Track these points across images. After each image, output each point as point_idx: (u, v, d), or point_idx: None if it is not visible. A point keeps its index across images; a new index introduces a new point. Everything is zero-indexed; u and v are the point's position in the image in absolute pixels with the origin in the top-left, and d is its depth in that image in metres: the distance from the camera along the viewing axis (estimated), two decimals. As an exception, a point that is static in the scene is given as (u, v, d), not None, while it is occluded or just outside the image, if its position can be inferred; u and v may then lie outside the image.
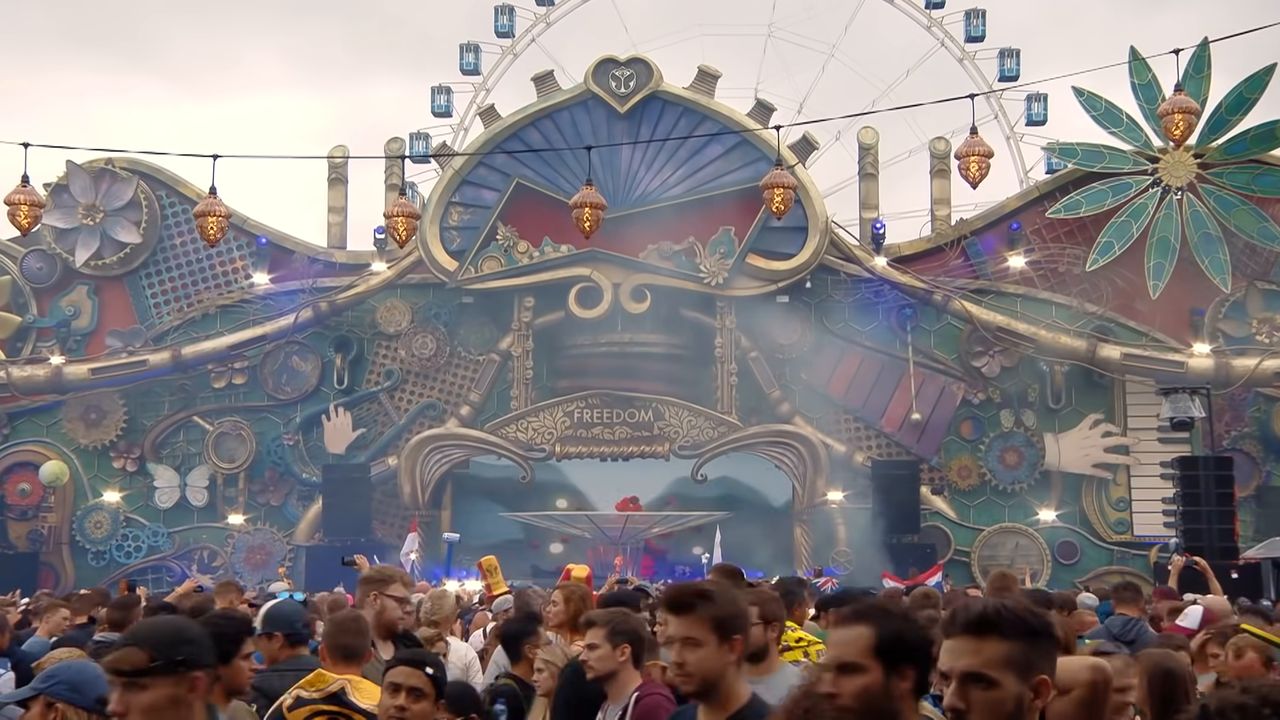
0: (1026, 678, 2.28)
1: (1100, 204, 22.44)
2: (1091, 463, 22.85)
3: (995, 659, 2.27)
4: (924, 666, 2.46)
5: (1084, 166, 22.61)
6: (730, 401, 23.07)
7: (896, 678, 2.42)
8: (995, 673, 2.26)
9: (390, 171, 23.70)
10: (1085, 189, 22.55)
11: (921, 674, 2.46)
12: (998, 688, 2.26)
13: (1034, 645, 2.31)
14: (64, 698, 3.40)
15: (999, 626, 2.29)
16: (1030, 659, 2.29)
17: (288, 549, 23.34)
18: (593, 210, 16.88)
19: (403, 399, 23.88)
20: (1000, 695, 2.26)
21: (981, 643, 2.29)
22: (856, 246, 23.41)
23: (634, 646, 4.33)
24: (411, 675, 3.89)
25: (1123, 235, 22.38)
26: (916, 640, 2.47)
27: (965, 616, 2.33)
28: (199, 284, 24.06)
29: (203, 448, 23.79)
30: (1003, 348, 22.80)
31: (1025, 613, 2.34)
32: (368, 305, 23.77)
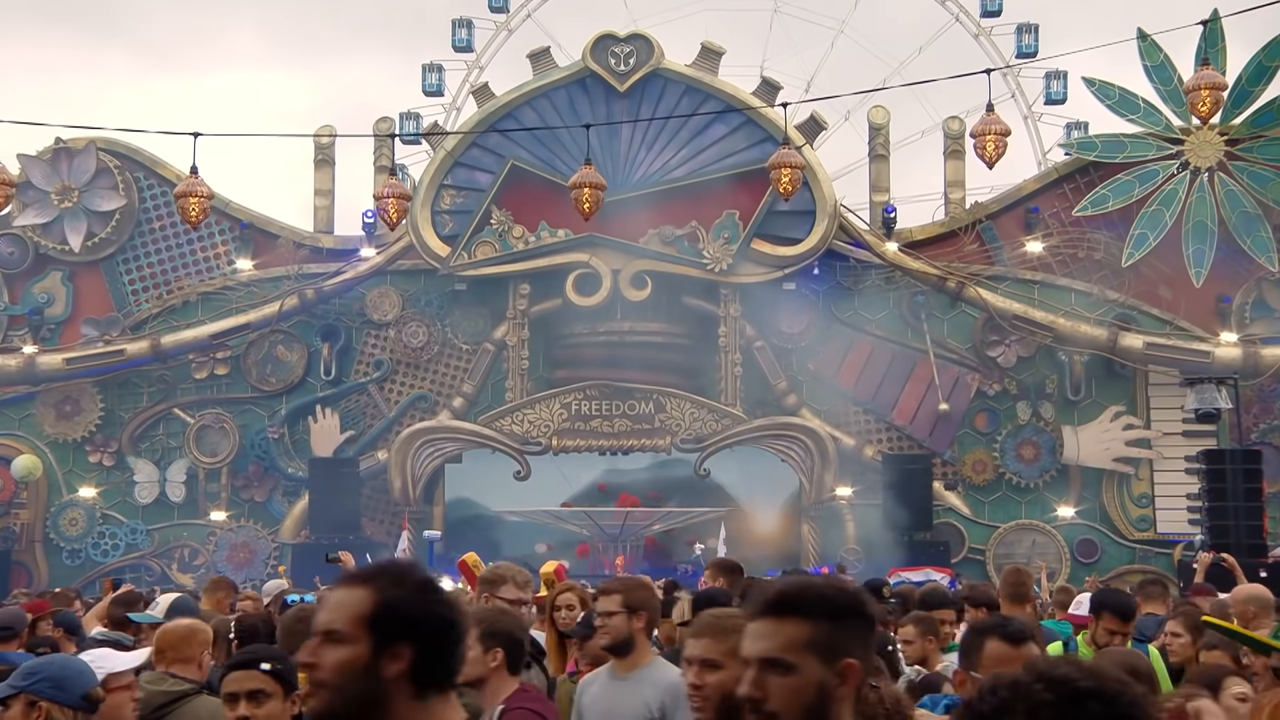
0: (831, 662, 2.18)
1: (1129, 195, 22.34)
2: (1112, 457, 22.76)
3: (794, 642, 2.17)
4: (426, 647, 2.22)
5: (1105, 159, 22.52)
6: (734, 393, 23.03)
7: (386, 656, 2.18)
8: (793, 657, 2.16)
9: (379, 153, 23.54)
10: (1111, 181, 22.45)
11: (422, 655, 2.21)
12: (796, 673, 2.16)
13: (840, 626, 2.20)
14: (47, 695, 3.38)
15: (800, 607, 2.19)
16: (835, 641, 2.19)
17: (272, 547, 23.30)
18: (592, 191, 16.89)
19: (393, 390, 23.84)
20: (799, 682, 2.16)
21: (780, 625, 2.19)
22: (867, 231, 23.32)
23: (508, 651, 4.17)
24: (247, 679, 3.69)
25: (1156, 225, 22.28)
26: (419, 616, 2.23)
27: (764, 597, 2.24)
28: (179, 270, 23.95)
29: (183, 441, 23.69)
30: (1020, 337, 22.70)
31: (831, 591, 2.25)
32: (356, 293, 23.69)
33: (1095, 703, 1.75)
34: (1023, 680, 1.79)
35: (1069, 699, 1.75)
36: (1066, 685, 1.76)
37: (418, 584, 2.27)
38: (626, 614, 4.56)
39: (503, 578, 5.37)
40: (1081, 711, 1.74)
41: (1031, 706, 1.76)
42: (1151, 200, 22.31)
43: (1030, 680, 1.78)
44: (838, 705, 2.19)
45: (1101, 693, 1.75)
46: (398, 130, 23.87)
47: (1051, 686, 1.76)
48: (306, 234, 24.11)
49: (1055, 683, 1.77)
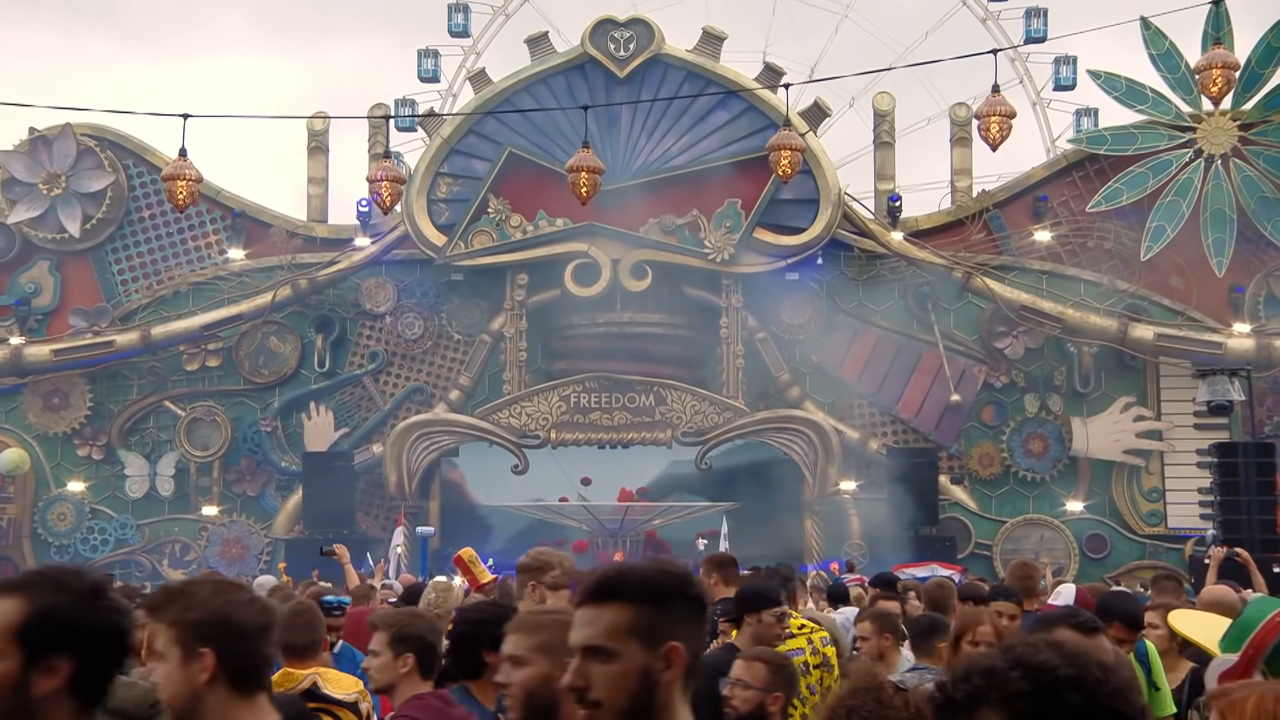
0: (653, 646, 2.14)
1: (1143, 188, 22.29)
2: (1122, 449, 22.72)
3: (615, 627, 2.13)
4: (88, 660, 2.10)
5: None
6: (736, 385, 23.01)
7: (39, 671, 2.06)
8: (614, 643, 2.12)
9: (374, 140, 23.51)
10: (1124, 174, 22.38)
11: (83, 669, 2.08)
12: (618, 659, 2.12)
13: (663, 610, 2.17)
14: None
15: (620, 592, 2.16)
16: (658, 625, 2.15)
17: (265, 542, 23.29)
18: (590, 175, 16.88)
19: (388, 382, 23.80)
20: (621, 668, 2.12)
21: (600, 611, 2.16)
22: (871, 220, 23.26)
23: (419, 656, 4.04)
24: None
25: (1173, 216, 22.21)
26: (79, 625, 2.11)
27: (587, 583, 2.21)
28: (169, 259, 23.86)
29: (174, 434, 23.62)
30: (1027, 328, 22.66)
31: (654, 574, 2.20)
32: (350, 283, 23.62)
33: (1075, 693, 1.68)
34: (998, 667, 1.72)
35: (1047, 689, 1.68)
36: (1045, 673, 1.69)
37: (80, 589, 2.13)
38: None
39: (548, 563, 5.26)
40: (1060, 702, 1.67)
41: (1006, 696, 1.69)
42: (1167, 191, 22.25)
43: (1006, 667, 1.71)
44: (663, 690, 2.15)
45: (1082, 682, 1.68)
46: (393, 114, 23.76)
47: (1029, 675, 1.69)
48: (300, 223, 24.04)
49: (1033, 670, 1.69)
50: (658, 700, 2.15)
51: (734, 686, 4.09)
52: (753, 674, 4.10)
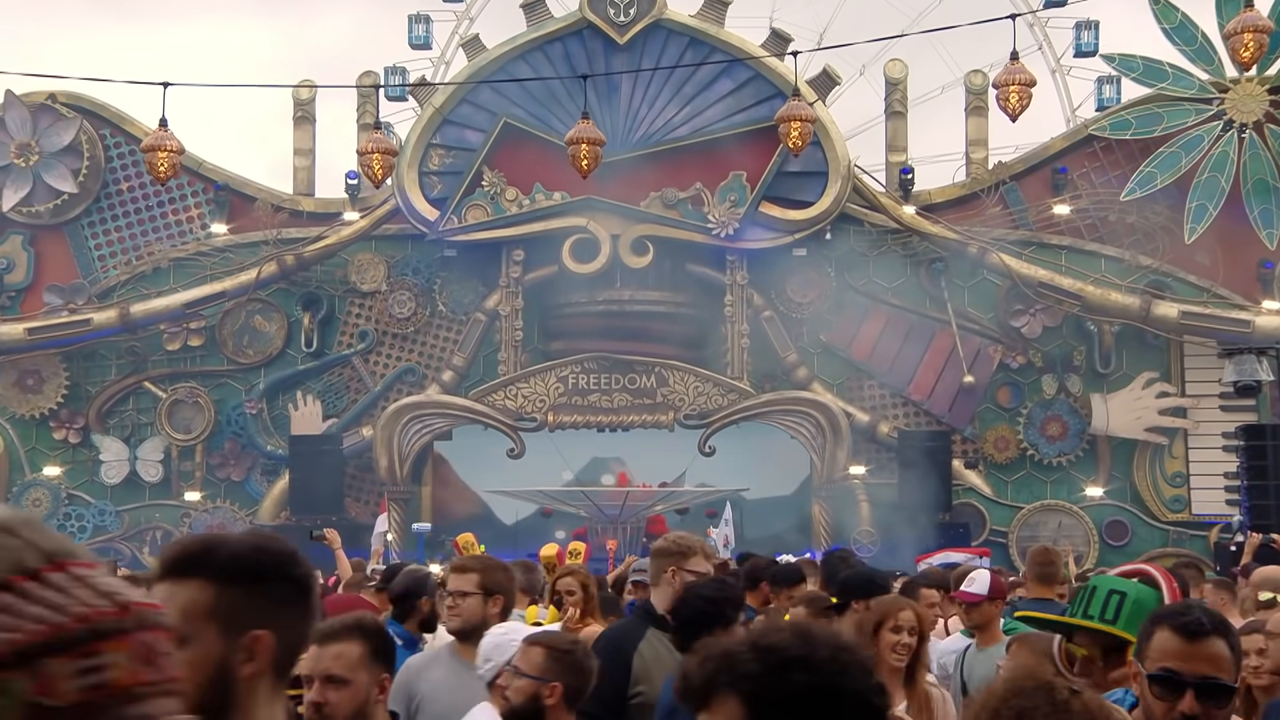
0: (233, 633, 1.95)
1: (1176, 168, 22.10)
2: (1144, 426, 22.57)
3: (191, 607, 1.93)
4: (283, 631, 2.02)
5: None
6: (741, 366, 22.96)
7: None
8: (189, 625, 1.92)
9: (363, 110, 23.36)
10: (1155, 157, 22.17)
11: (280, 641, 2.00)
12: (191, 644, 1.93)
13: (251, 591, 1.97)
14: None
15: (203, 566, 1.97)
16: (240, 609, 1.96)
17: (250, 529, 23.11)
18: (590, 147, 16.81)
19: (378, 363, 23.70)
20: (194, 655, 1.93)
21: (178, 588, 1.96)
22: (882, 193, 23.10)
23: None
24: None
25: (1169, 168, 22.04)
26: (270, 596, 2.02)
27: (165, 554, 2.03)
28: (149, 234, 23.66)
29: (155, 417, 23.52)
30: (1045, 306, 22.51)
31: (245, 548, 2.01)
32: (339, 259, 23.50)
33: (801, 672, 1.74)
34: (733, 649, 1.78)
35: (775, 668, 1.74)
36: (774, 654, 1.75)
37: (271, 559, 2.02)
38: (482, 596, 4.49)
39: (691, 548, 5.13)
40: (786, 681, 1.74)
41: (735, 678, 1.75)
42: (1202, 168, 22.04)
43: (741, 649, 1.77)
44: (241, 685, 1.95)
45: (809, 661, 1.75)
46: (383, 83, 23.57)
47: (760, 655, 1.76)
48: (285, 196, 23.83)
49: (764, 651, 1.76)
50: (234, 697, 1.95)
51: (510, 674, 3.86)
52: (529, 660, 3.82)
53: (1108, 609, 3.24)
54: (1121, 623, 3.18)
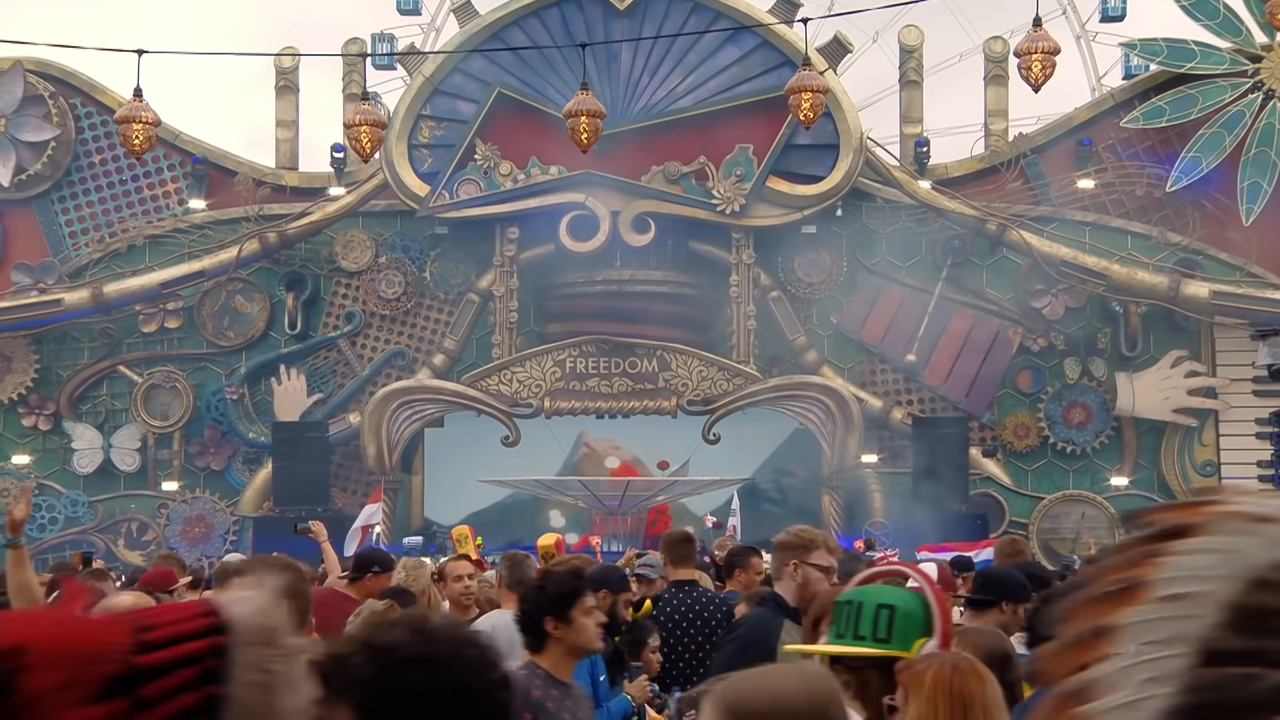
0: None
1: (1187, 111, 21.87)
2: (1172, 407, 22.48)
3: None
4: None
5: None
6: (747, 349, 22.89)
7: None
8: None
9: (348, 79, 23.26)
10: (1171, 93, 21.98)
11: None
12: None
13: None
14: None
15: None
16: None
17: (231, 521, 23.14)
18: (590, 119, 16.68)
19: (366, 346, 23.62)
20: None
21: None
22: (896, 167, 23.00)
23: None
24: None
25: (1213, 149, 21.81)
26: None
27: None
28: (123, 210, 23.51)
29: (130, 403, 23.38)
30: (1068, 285, 22.37)
31: None
32: (324, 236, 23.38)
33: (417, 674, 1.71)
34: (342, 650, 1.74)
35: (389, 670, 1.71)
36: (389, 654, 1.72)
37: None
38: None
39: (813, 541, 5.22)
40: (401, 684, 1.71)
41: (347, 683, 1.69)
42: (1213, 121, 21.84)
43: (352, 650, 1.73)
44: None
45: (429, 661, 1.72)
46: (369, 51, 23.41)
47: (374, 657, 1.72)
48: (268, 170, 23.70)
49: (378, 652, 1.73)
50: None
51: None
52: None
53: (878, 626, 3.14)
54: (896, 640, 3.10)
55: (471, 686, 1.73)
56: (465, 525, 10.49)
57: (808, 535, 5.27)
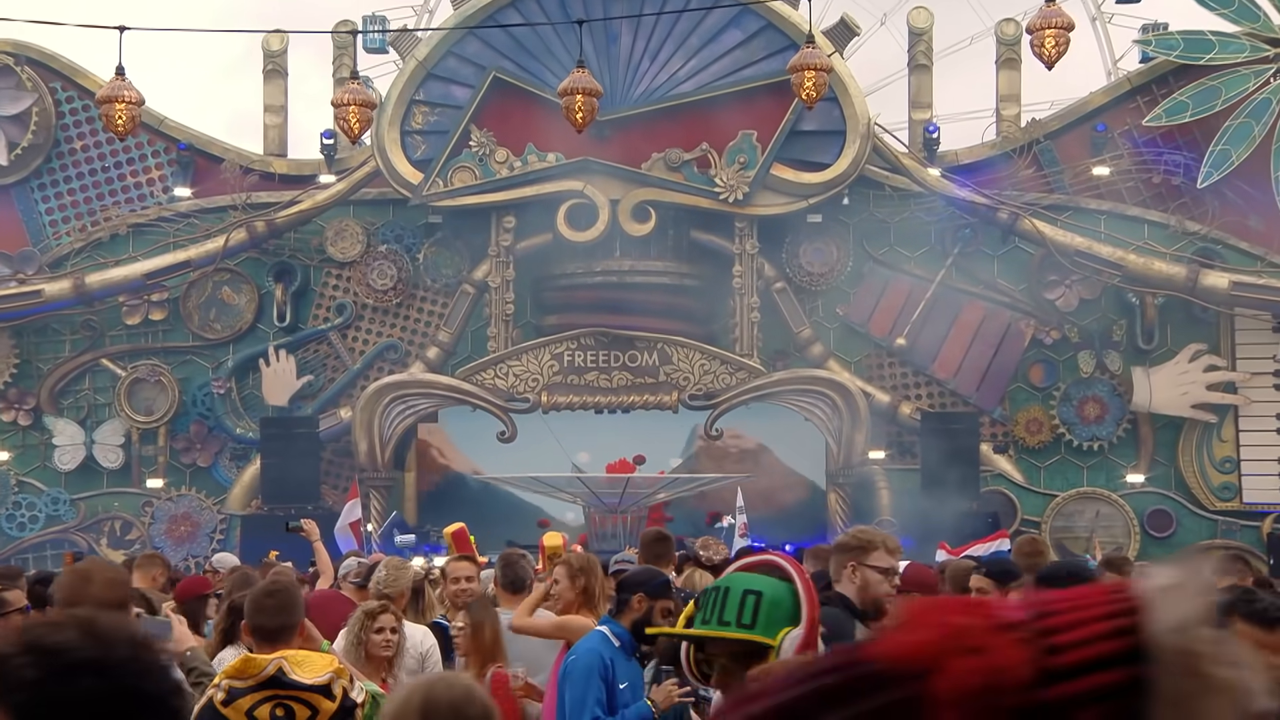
0: None
1: (1211, 104, 21.70)
2: (1191, 403, 22.34)
3: None
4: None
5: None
6: (751, 342, 22.81)
7: None
8: None
9: (339, 63, 23.14)
10: (1192, 87, 21.85)
11: None
12: None
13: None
14: None
15: None
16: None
17: (218, 519, 23.07)
18: (586, 98, 16.55)
19: (357, 339, 23.54)
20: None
21: None
22: (905, 154, 22.93)
23: None
24: None
25: (1242, 140, 21.61)
26: None
27: None
28: (106, 197, 23.39)
29: (113, 398, 23.31)
30: (1083, 276, 22.23)
31: None
32: (314, 226, 23.25)
33: (89, 679, 1.67)
34: (5, 651, 1.69)
35: (57, 673, 1.67)
36: (57, 657, 1.68)
37: None
38: None
39: (872, 542, 5.23)
40: (70, 688, 1.66)
41: (7, 686, 1.65)
42: (1238, 111, 21.69)
43: (14, 652, 1.69)
44: None
45: (102, 665, 1.68)
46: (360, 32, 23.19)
47: (40, 659, 1.68)
48: (255, 157, 23.62)
49: (45, 654, 1.68)
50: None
51: None
52: None
53: (744, 612, 3.14)
54: (760, 626, 3.11)
55: (146, 692, 1.70)
56: (461, 523, 10.41)
57: (866, 536, 5.26)
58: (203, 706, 4.30)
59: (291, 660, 4.36)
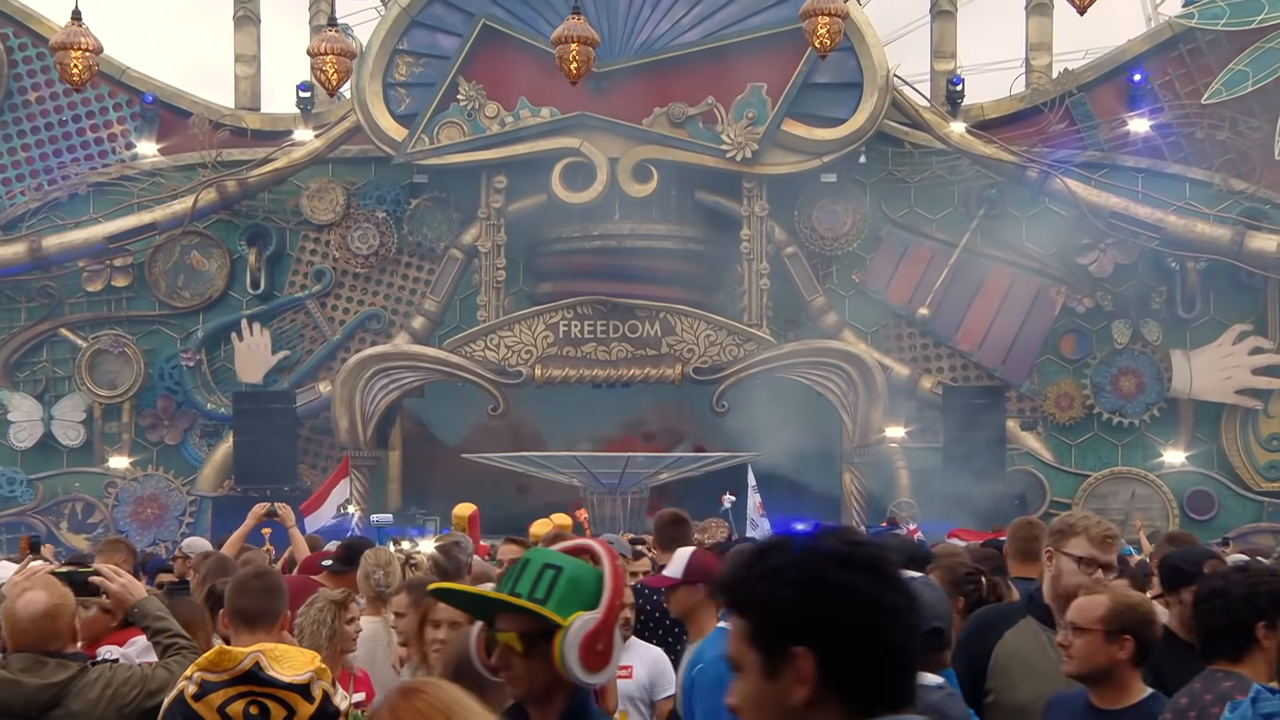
0: None
1: (1272, 69, 21.81)
2: (1235, 388, 22.43)
3: None
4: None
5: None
6: (760, 311, 22.81)
7: None
8: None
9: (315, 9, 23.28)
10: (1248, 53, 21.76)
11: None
12: None
13: None
14: None
15: None
16: None
17: (188, 500, 23.11)
18: (581, 47, 16.49)
19: (337, 307, 23.55)
20: None
21: None
22: (927, 108, 22.92)
23: None
24: None
25: (1265, 66, 21.72)
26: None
27: None
28: (63, 154, 23.34)
29: (74, 370, 23.29)
30: (1118, 239, 22.23)
31: None
32: (290, 185, 23.21)
33: None
34: None
35: None
36: None
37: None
38: None
39: (1072, 526, 5.12)
40: None
41: None
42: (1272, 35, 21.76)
43: None
44: None
45: None
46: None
47: None
48: (226, 111, 23.62)
49: None
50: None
51: None
52: None
53: (539, 586, 3.13)
54: (553, 602, 3.09)
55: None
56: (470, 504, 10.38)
57: (1069, 519, 5.13)
58: (173, 699, 4.29)
59: (270, 654, 4.31)
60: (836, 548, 2.16)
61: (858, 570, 2.14)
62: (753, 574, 2.17)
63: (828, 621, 2.10)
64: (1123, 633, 4.28)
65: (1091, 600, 4.35)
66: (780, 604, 2.12)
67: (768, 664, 2.13)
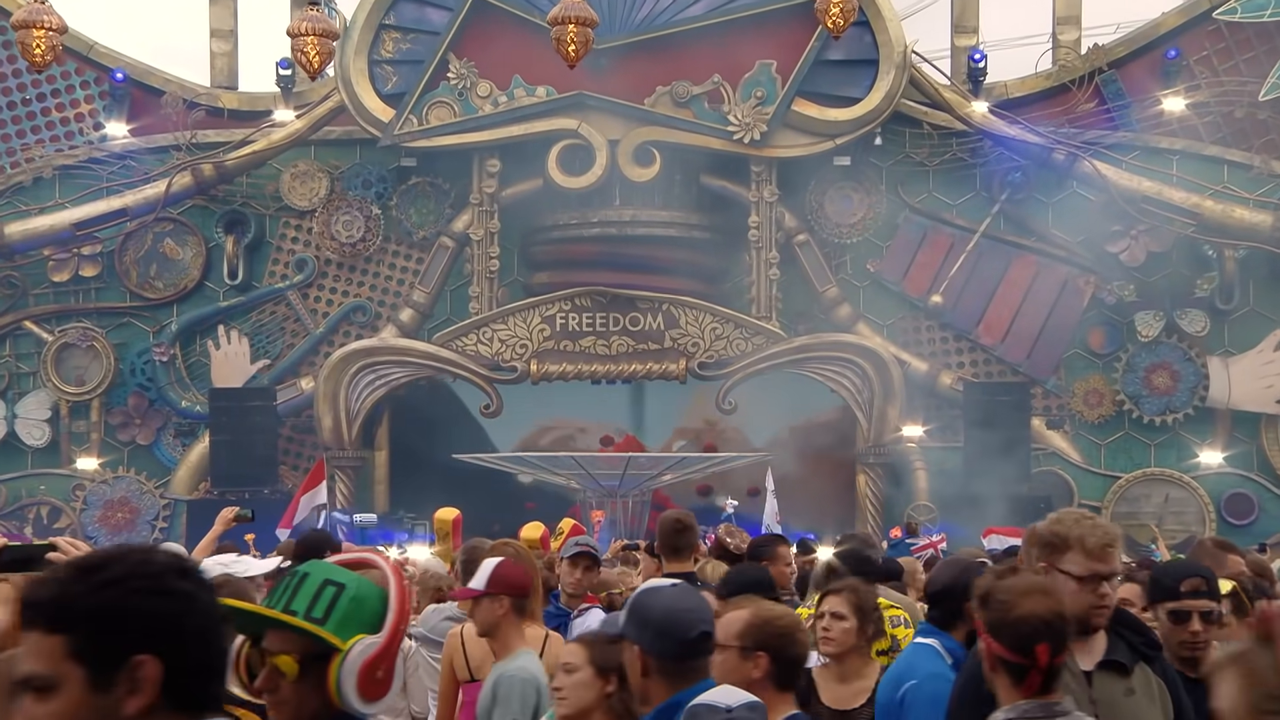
0: None
1: None
2: (1276, 397, 22.48)
3: None
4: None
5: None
6: (769, 302, 22.79)
7: None
8: None
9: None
10: None
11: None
12: None
13: None
14: None
15: None
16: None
17: (161, 504, 23.02)
18: (579, 28, 16.56)
19: (320, 299, 23.51)
20: None
21: None
22: (947, 87, 22.89)
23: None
24: None
25: None
26: None
27: None
28: (27, 135, 23.32)
29: (38, 365, 23.24)
30: (1151, 226, 22.18)
31: None
32: (270, 169, 23.22)
33: None
34: None
35: None
36: None
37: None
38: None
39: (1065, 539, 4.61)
40: None
41: None
42: None
43: None
44: None
45: None
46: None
47: None
48: (202, 89, 23.61)
49: None
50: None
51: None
52: None
53: (318, 603, 3.05)
54: (333, 623, 3.01)
55: None
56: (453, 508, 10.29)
57: (1060, 529, 4.57)
58: None
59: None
60: (170, 560, 2.34)
61: (194, 579, 2.34)
62: (88, 587, 2.27)
63: (172, 629, 2.27)
64: (757, 649, 4.21)
65: (732, 616, 4.30)
66: (125, 613, 2.25)
67: (96, 678, 2.23)
